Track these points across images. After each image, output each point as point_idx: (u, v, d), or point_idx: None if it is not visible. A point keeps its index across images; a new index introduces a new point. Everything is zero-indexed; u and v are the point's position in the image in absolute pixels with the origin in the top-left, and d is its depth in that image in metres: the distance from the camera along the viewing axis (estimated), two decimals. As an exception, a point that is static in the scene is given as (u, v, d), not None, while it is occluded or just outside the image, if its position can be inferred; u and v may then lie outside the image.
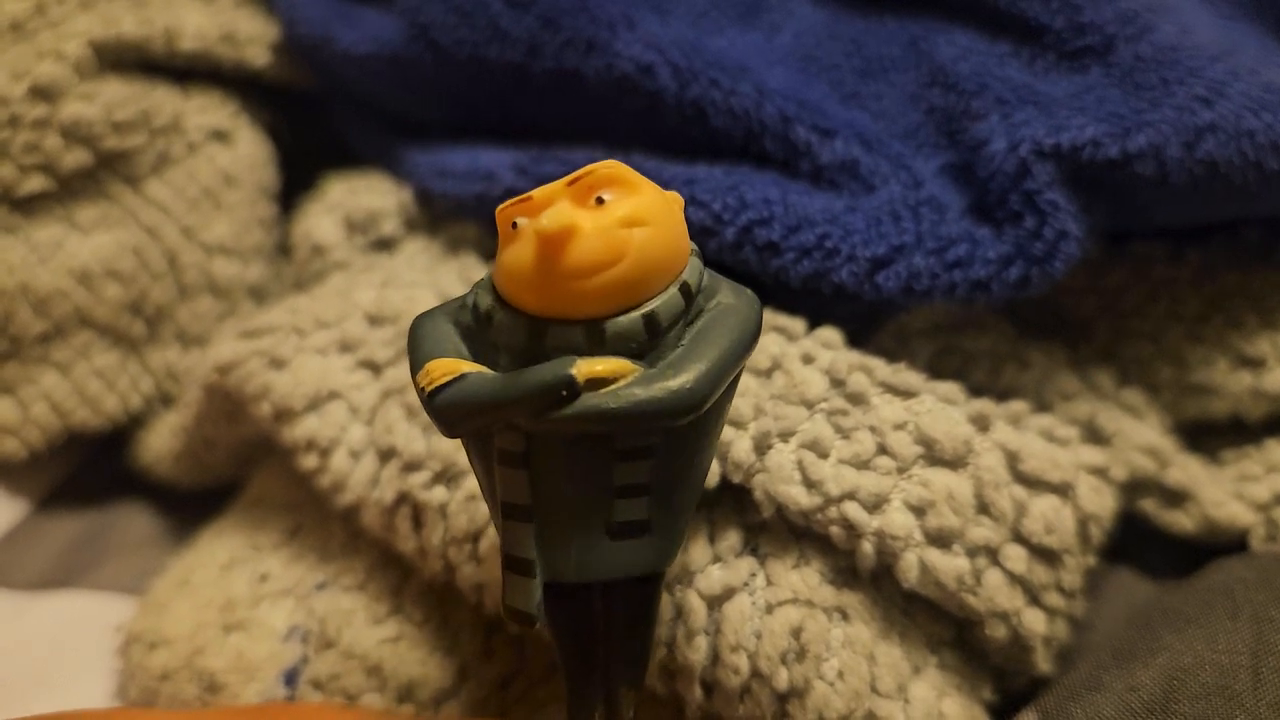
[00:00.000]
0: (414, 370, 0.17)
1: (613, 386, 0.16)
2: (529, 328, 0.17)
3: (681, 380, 0.16)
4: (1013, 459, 0.22)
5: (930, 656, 0.22)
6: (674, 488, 0.18)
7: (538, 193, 0.17)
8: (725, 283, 0.18)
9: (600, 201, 0.17)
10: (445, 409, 0.17)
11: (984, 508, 0.22)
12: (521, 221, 0.17)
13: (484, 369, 0.17)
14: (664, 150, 0.29)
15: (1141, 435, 0.26)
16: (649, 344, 0.17)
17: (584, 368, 0.16)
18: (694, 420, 0.16)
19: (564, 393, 0.16)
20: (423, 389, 0.17)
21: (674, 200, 0.18)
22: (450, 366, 0.17)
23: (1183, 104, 0.25)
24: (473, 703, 0.24)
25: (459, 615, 0.25)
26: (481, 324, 0.17)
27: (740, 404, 0.23)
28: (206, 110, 0.35)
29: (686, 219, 0.26)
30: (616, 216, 0.16)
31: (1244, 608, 0.22)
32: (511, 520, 0.17)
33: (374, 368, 0.26)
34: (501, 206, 0.17)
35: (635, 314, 0.17)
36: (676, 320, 0.17)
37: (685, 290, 0.17)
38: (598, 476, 0.17)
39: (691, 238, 0.26)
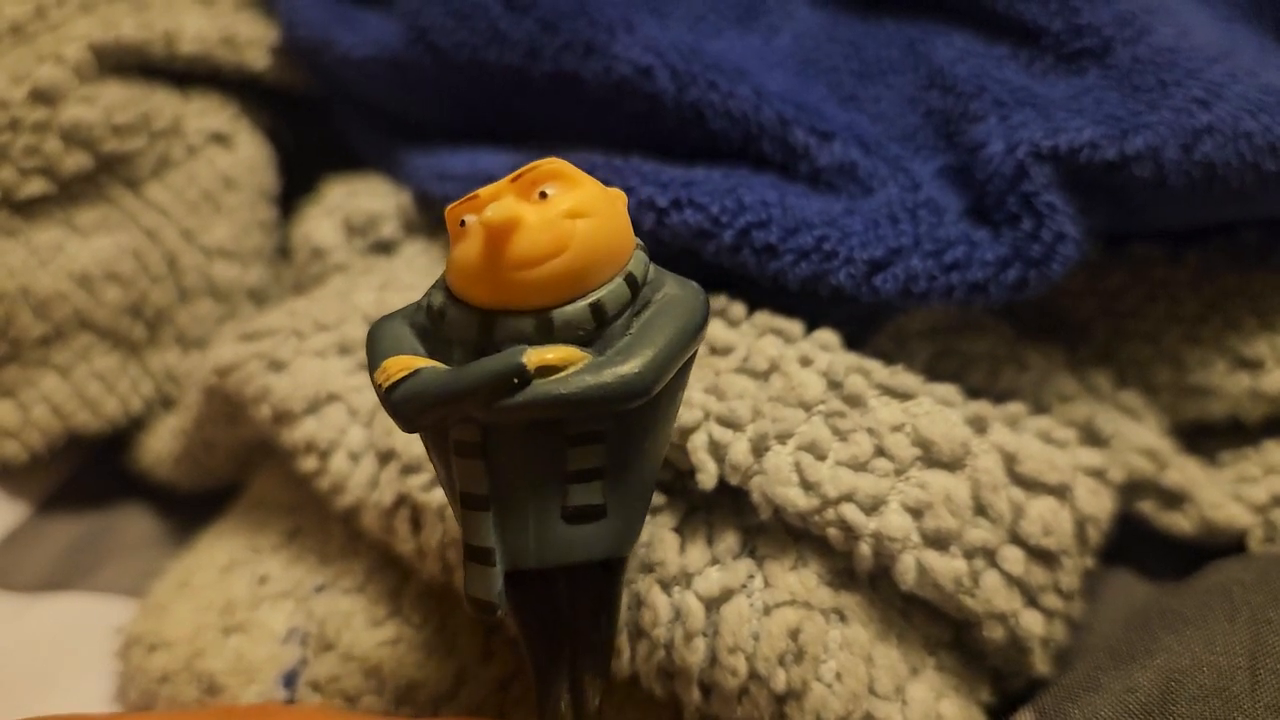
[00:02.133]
0: (371, 369, 0.18)
1: (563, 373, 0.16)
2: (480, 321, 0.17)
3: (630, 366, 0.17)
4: (1010, 461, 0.22)
5: (928, 658, 0.22)
6: (628, 472, 0.18)
7: (484, 190, 0.18)
8: (671, 276, 0.19)
9: (543, 196, 0.17)
10: (401, 404, 0.17)
11: (981, 509, 0.22)
12: (469, 219, 0.17)
13: (439, 364, 0.17)
14: (663, 153, 0.29)
15: (1139, 437, 0.26)
16: (597, 333, 0.17)
17: (534, 356, 0.16)
18: (644, 405, 0.17)
19: (515, 380, 0.16)
20: (380, 386, 0.17)
21: (616, 195, 0.18)
22: (405, 363, 0.17)
23: (1180, 106, 0.25)
24: (472, 704, 0.24)
25: (458, 617, 0.25)
26: (435, 322, 0.18)
27: (738, 406, 0.23)
28: (206, 113, 0.35)
29: (685, 222, 0.26)
30: (560, 209, 0.17)
31: (1242, 609, 0.22)
32: (470, 510, 0.18)
33: (373, 370, 0.26)
34: (450, 205, 0.18)
35: (582, 303, 0.17)
36: (623, 310, 0.17)
37: (631, 281, 0.18)
38: (552, 463, 0.17)
39: (689, 240, 0.26)
